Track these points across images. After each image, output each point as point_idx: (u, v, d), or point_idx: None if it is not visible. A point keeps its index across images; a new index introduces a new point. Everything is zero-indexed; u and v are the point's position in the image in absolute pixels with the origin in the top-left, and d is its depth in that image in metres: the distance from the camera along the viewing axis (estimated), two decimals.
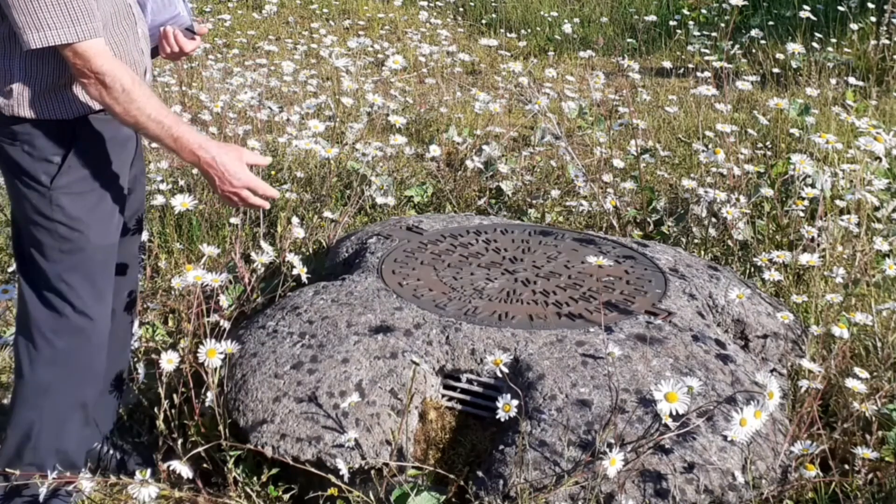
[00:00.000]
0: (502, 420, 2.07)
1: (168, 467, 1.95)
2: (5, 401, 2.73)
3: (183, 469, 1.95)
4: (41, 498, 1.96)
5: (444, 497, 2.08)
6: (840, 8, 5.80)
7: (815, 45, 5.43)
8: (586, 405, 2.14)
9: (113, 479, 2.08)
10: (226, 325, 2.41)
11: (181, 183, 3.77)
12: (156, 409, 2.21)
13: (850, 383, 2.28)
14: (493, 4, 7.64)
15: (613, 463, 1.92)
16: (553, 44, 6.77)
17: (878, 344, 2.55)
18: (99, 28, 1.89)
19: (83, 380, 2.12)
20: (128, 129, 2.06)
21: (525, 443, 2.05)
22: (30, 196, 1.99)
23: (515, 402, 2.07)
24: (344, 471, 2.04)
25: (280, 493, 2.17)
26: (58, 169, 1.97)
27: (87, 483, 1.95)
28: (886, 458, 2.22)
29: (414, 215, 3.58)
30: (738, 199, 3.39)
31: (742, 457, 2.07)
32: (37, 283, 2.04)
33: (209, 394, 2.25)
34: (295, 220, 3.16)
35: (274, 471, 2.17)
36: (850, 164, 3.51)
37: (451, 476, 2.08)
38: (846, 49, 5.55)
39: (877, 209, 3.41)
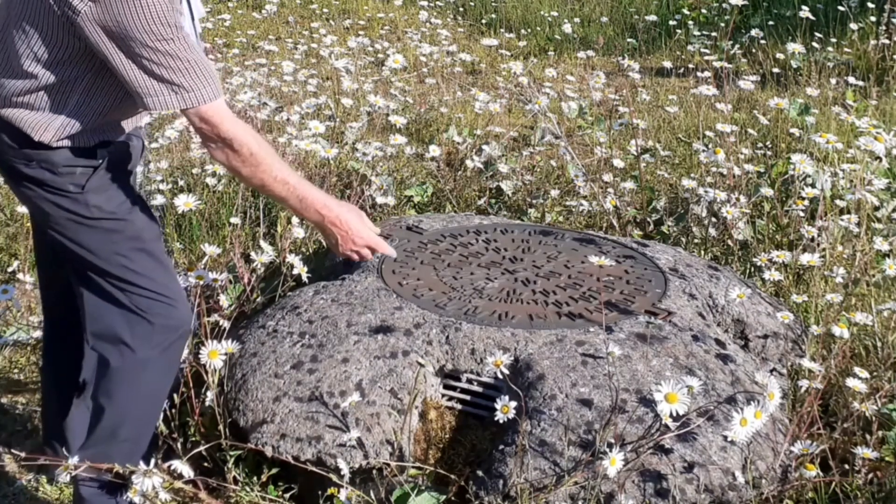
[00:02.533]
0: (501, 421, 2.07)
1: (168, 467, 1.95)
2: (4, 400, 2.74)
3: (183, 469, 1.94)
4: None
5: (445, 497, 2.08)
6: (840, 8, 5.80)
7: (815, 44, 5.43)
8: (586, 405, 2.14)
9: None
10: (226, 324, 2.41)
11: (181, 183, 3.77)
12: None
13: (850, 383, 2.28)
14: (493, 4, 7.63)
15: (613, 463, 1.92)
16: (553, 44, 6.77)
17: (878, 344, 2.55)
18: (220, 88, 1.90)
19: (177, 350, 2.11)
20: (126, 133, 2.07)
21: (525, 443, 2.05)
22: (61, 202, 1.96)
23: (514, 404, 2.07)
24: (345, 470, 2.04)
25: (280, 493, 2.17)
26: (85, 180, 1.96)
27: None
28: (886, 458, 2.22)
29: (414, 215, 3.58)
30: (738, 199, 3.39)
31: (742, 456, 2.07)
32: (107, 280, 2.01)
33: (209, 393, 2.25)
34: (295, 219, 3.16)
35: (274, 471, 2.17)
36: (850, 164, 3.51)
37: (452, 476, 2.09)
38: (846, 49, 5.55)
39: (877, 209, 3.41)
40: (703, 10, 7.13)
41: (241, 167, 1.94)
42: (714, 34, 5.97)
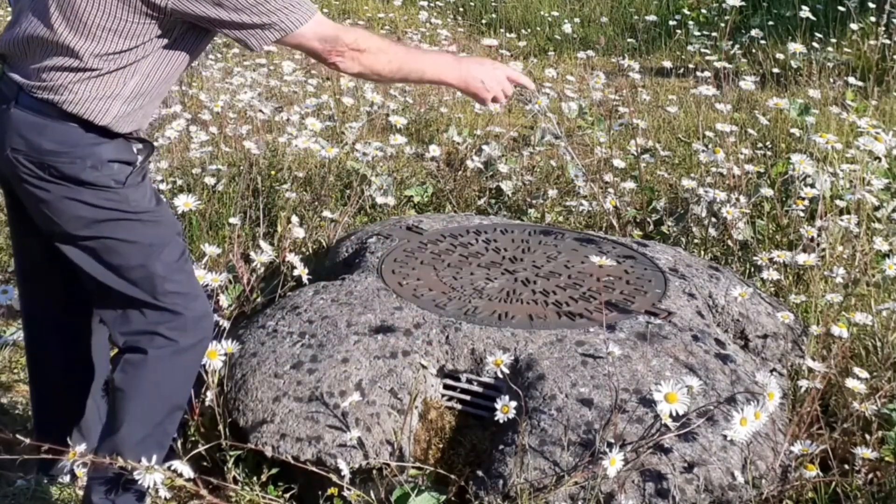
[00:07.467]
0: (501, 421, 2.07)
1: (168, 467, 1.95)
2: (3, 400, 2.74)
3: (183, 469, 1.94)
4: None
5: (445, 497, 2.08)
6: (840, 8, 5.80)
7: (815, 45, 5.42)
8: (586, 405, 2.14)
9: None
10: (226, 324, 2.41)
11: (181, 183, 3.77)
12: None
13: (850, 383, 2.28)
14: (493, 4, 7.63)
15: (613, 463, 1.92)
16: (553, 44, 6.77)
17: (878, 344, 2.55)
18: (314, 4, 1.93)
19: (202, 349, 2.10)
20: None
21: (525, 443, 2.05)
22: (102, 199, 1.93)
23: (514, 404, 2.07)
24: (345, 470, 2.04)
25: (280, 493, 2.17)
26: (125, 176, 1.95)
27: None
28: (886, 458, 2.22)
29: (414, 215, 3.58)
30: (738, 199, 3.39)
31: (742, 456, 2.07)
32: (139, 275, 1.99)
33: (209, 394, 2.25)
34: (295, 219, 3.16)
35: (274, 471, 2.17)
36: (850, 164, 3.51)
37: (452, 476, 2.09)
38: (846, 49, 5.55)
39: (877, 209, 3.41)
40: (703, 11, 7.13)
41: (374, 63, 1.98)
42: (714, 34, 5.97)
